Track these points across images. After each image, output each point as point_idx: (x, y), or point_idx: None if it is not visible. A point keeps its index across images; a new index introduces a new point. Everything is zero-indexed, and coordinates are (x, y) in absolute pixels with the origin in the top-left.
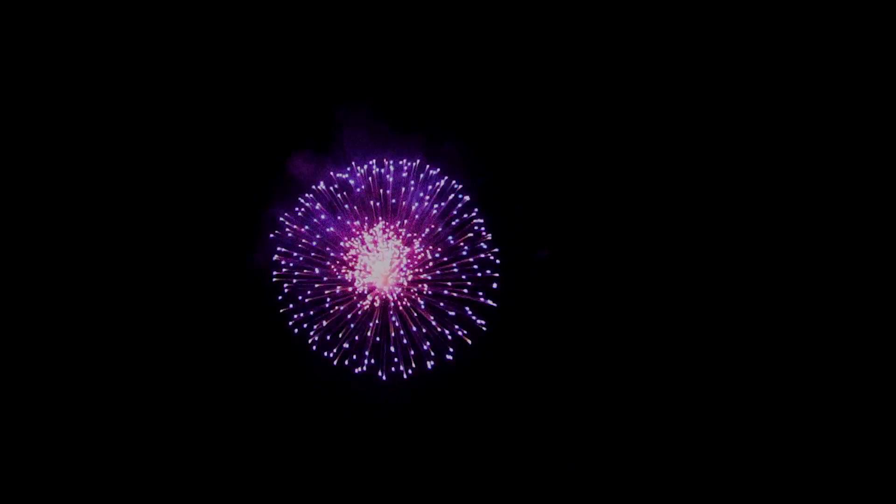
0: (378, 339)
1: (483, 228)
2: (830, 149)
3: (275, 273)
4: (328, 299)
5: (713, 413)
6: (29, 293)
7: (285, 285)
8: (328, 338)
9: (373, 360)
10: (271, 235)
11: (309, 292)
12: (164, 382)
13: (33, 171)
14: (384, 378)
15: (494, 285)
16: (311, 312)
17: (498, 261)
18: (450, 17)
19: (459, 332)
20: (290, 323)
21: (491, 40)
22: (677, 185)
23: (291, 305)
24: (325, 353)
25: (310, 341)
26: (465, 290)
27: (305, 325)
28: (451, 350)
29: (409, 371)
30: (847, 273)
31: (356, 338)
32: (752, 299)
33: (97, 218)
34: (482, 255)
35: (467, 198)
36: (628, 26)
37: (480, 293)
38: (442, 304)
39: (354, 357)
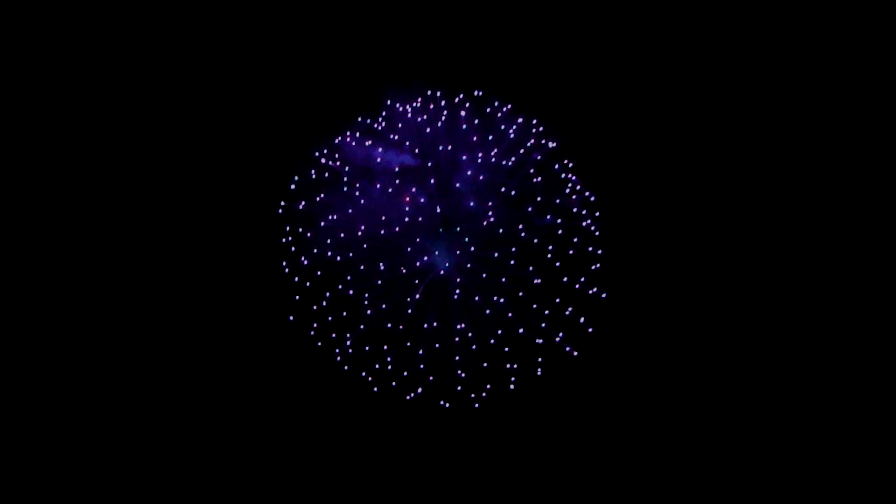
0: (437, 346)
1: (580, 187)
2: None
3: (285, 263)
4: (365, 296)
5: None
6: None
7: (298, 278)
8: (366, 350)
9: (431, 379)
10: (279, 210)
11: (339, 287)
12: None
13: (28, 162)
14: (447, 406)
15: (595, 266)
16: (344, 314)
17: (598, 232)
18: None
19: (556, 338)
20: (312, 333)
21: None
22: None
23: (315, 308)
24: (363, 374)
25: (339, 358)
26: (566, 279)
27: (334, 336)
28: (541, 361)
29: (483, 395)
30: None
31: (406, 345)
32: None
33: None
34: (583, 224)
35: (553, 144)
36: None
37: (581, 279)
38: (522, 294)
39: (405, 376)
